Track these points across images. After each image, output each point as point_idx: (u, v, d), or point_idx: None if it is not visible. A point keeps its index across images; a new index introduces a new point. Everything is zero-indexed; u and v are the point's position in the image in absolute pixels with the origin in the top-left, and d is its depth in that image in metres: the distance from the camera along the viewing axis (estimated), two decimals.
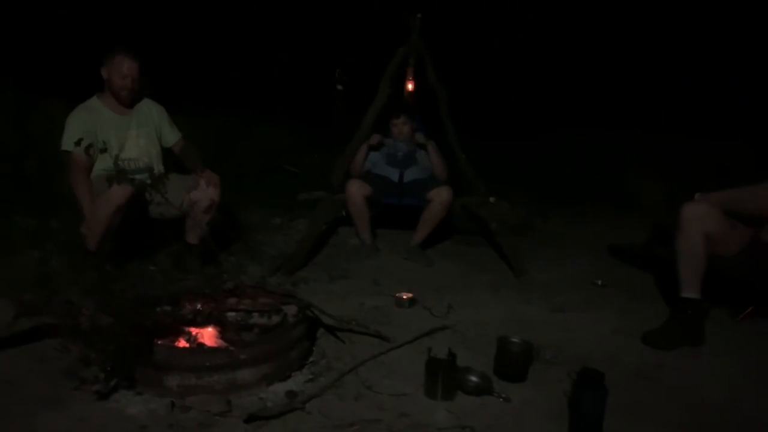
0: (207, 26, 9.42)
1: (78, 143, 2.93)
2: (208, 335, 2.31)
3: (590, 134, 8.27)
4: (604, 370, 2.09)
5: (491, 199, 4.09)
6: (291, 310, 2.48)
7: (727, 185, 2.82)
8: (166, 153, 3.61)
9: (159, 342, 2.19)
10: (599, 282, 3.73)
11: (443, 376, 2.21)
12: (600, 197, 6.38)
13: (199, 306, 2.44)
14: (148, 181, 2.94)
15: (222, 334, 2.33)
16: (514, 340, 2.51)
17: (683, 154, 7.28)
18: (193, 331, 2.31)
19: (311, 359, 2.49)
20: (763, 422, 2.15)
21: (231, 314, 2.46)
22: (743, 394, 2.36)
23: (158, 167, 3.48)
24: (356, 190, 4.02)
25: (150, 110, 3.52)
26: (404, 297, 3.23)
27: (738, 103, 8.48)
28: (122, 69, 3.27)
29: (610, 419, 1.97)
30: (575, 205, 6.06)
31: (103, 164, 3.24)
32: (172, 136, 3.58)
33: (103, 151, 3.11)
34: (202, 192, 3.30)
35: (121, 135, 3.36)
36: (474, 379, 2.32)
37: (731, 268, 2.84)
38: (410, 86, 4.62)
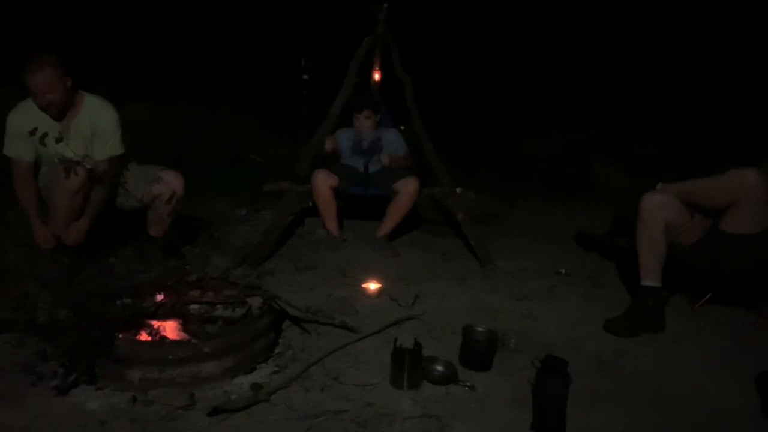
0: (170, 13, 9.23)
1: (33, 132, 2.83)
2: (170, 328, 2.28)
3: (554, 123, 8.36)
4: (568, 357, 2.13)
5: (457, 190, 4.09)
6: (256, 302, 2.46)
7: (688, 175, 2.88)
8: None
9: (120, 335, 2.15)
10: (563, 271, 3.78)
11: (409, 366, 2.22)
12: (564, 186, 6.46)
13: (161, 298, 2.41)
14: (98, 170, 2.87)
15: (185, 327, 2.30)
16: (479, 329, 2.53)
17: (646, 143, 7.44)
18: (156, 323, 2.27)
19: (277, 351, 2.47)
20: (720, 406, 2.20)
21: (194, 307, 2.43)
22: (701, 379, 2.42)
23: None
24: (322, 181, 4.00)
25: (93, 116, 3.14)
26: (371, 287, 3.23)
27: (705, 91, 8.69)
28: (32, 88, 2.90)
29: (573, 406, 2.00)
30: (539, 194, 6.13)
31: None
32: (112, 149, 3.20)
33: (60, 140, 2.99)
34: (165, 185, 3.23)
35: (61, 138, 3.03)
36: (439, 368, 2.34)
37: (690, 257, 2.90)
38: (377, 76, 4.60)
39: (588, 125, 8.24)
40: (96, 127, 3.15)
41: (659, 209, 2.84)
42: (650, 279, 2.88)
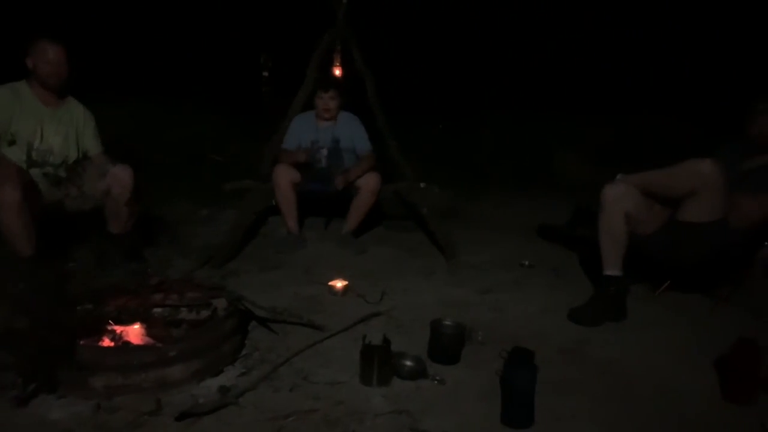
0: (126, 9, 9.02)
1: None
2: (134, 333, 2.23)
3: (514, 116, 8.46)
4: (534, 347, 2.16)
5: (421, 185, 4.11)
6: (221, 303, 2.43)
7: (648, 166, 2.95)
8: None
9: (82, 342, 2.09)
10: (526, 262, 3.83)
11: (378, 363, 2.22)
12: (525, 179, 6.55)
13: (123, 303, 2.35)
14: (63, 174, 2.80)
15: (149, 331, 2.25)
16: (447, 322, 2.54)
17: (605, 134, 7.59)
18: (118, 329, 2.22)
19: (244, 352, 2.44)
20: (681, 390, 2.26)
21: (158, 310, 2.39)
22: (663, 364, 2.48)
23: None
24: (283, 176, 3.94)
25: (77, 114, 3.34)
26: (338, 285, 3.22)
27: (662, 83, 8.90)
28: (47, 55, 3.10)
29: (540, 395, 2.03)
30: (502, 187, 6.21)
31: (13, 155, 3.06)
32: (92, 147, 3.40)
33: (11, 143, 2.93)
34: (113, 179, 3.16)
35: (41, 125, 3.16)
36: (408, 363, 2.34)
37: (649, 246, 2.97)
38: (338, 71, 4.58)
39: (547, 118, 8.37)
40: (86, 121, 3.35)
41: (619, 200, 2.90)
42: (612, 268, 2.94)
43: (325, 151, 4.19)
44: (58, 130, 3.23)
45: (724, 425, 2.07)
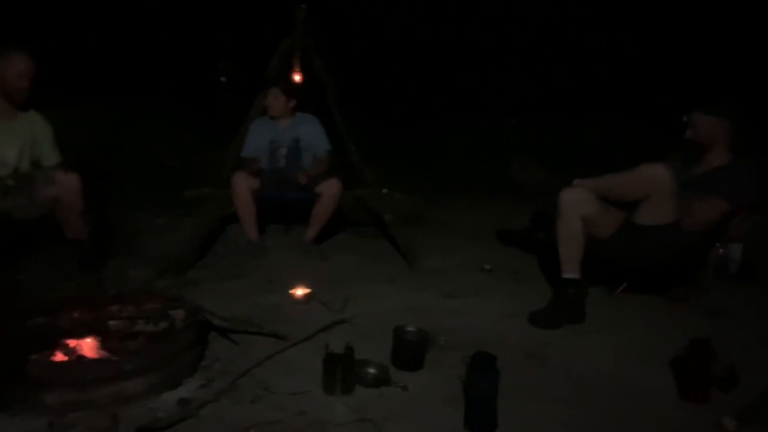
0: (80, 13, 8.81)
1: None
2: (88, 346, 2.17)
3: (472, 122, 8.56)
4: (495, 352, 2.17)
5: (384, 191, 4.11)
6: (179, 314, 2.38)
7: (604, 170, 3.01)
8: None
9: (34, 357, 2.02)
10: (488, 267, 3.86)
11: (341, 371, 2.20)
12: (485, 184, 6.61)
13: (77, 315, 2.28)
14: (12, 183, 2.71)
15: (104, 344, 2.19)
16: (410, 329, 2.54)
17: (562, 139, 7.74)
18: (72, 342, 2.15)
19: (204, 364, 2.39)
20: (639, 391, 2.31)
21: (114, 322, 2.32)
22: (622, 365, 2.53)
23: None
24: (241, 184, 3.88)
25: (35, 125, 3.25)
26: (300, 293, 3.19)
27: (617, 88, 9.12)
28: (19, 68, 3.02)
29: (503, 399, 2.04)
30: (462, 193, 6.25)
31: None
32: (49, 159, 3.31)
33: None
34: (59, 186, 3.07)
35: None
36: (372, 371, 2.33)
37: (606, 249, 3.03)
38: (297, 77, 4.55)
39: (505, 123, 8.50)
40: (43, 132, 3.27)
41: (577, 204, 2.95)
42: (570, 271, 2.99)
43: (284, 151, 4.15)
44: (11, 143, 3.14)
45: (681, 424, 2.12)
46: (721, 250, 3.35)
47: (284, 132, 4.18)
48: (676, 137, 3.17)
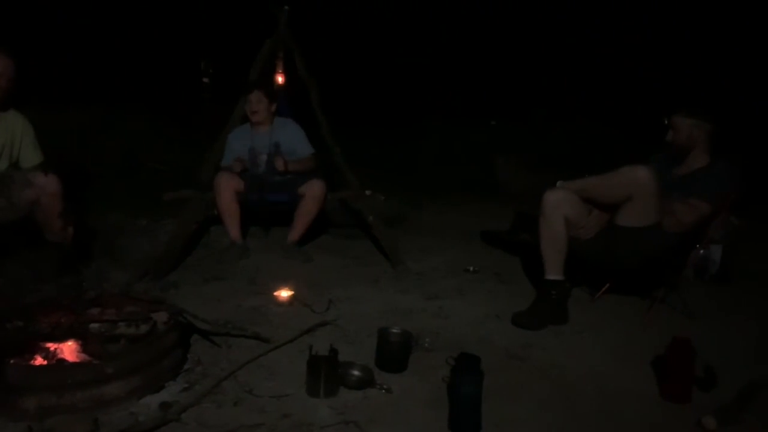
0: (58, 12, 8.69)
1: None
2: (68, 350, 2.12)
3: (453, 124, 8.59)
4: (479, 353, 2.17)
5: (367, 192, 4.11)
6: (161, 317, 2.34)
7: (585, 171, 3.04)
8: None
9: (11, 361, 1.98)
10: (471, 268, 3.87)
11: (325, 373, 2.19)
12: (467, 186, 6.65)
13: (57, 318, 2.24)
14: None
15: (84, 348, 2.15)
16: (394, 330, 2.54)
17: (543, 141, 7.79)
18: (51, 346, 2.11)
19: (186, 367, 2.37)
20: (621, 391, 2.33)
21: (94, 326, 2.28)
22: (603, 366, 2.55)
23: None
24: (225, 184, 3.85)
25: (15, 125, 3.20)
26: (283, 295, 3.17)
27: (597, 91, 9.22)
28: (1, 67, 2.99)
29: (486, 400, 2.04)
30: (445, 194, 6.27)
31: None
32: (30, 159, 3.26)
33: None
34: (38, 189, 3.03)
35: None
36: (356, 373, 2.32)
37: (589, 250, 3.06)
38: (280, 79, 4.52)
39: (486, 125, 8.55)
40: (24, 131, 3.22)
41: (559, 206, 2.97)
42: (553, 273, 3.01)
43: (264, 156, 4.12)
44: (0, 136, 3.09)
45: (662, 424, 2.14)
46: (701, 251, 3.39)
47: (262, 137, 4.15)
48: (657, 139, 3.20)
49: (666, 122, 3.13)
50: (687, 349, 2.27)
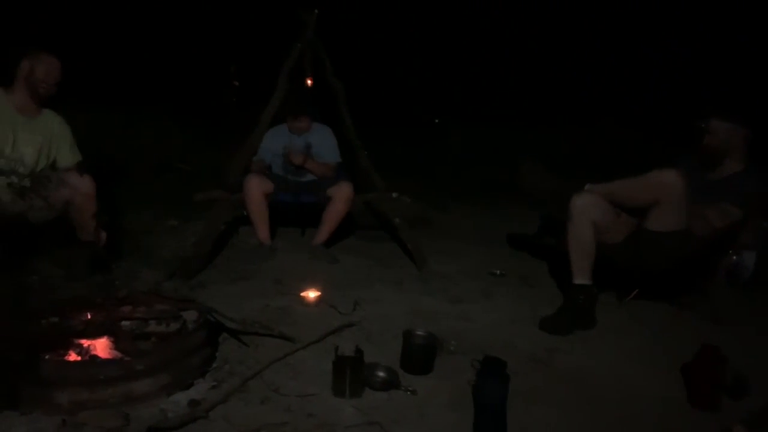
0: (95, 17, 8.88)
1: None
2: (100, 346, 2.18)
3: (479, 127, 8.56)
4: (504, 357, 2.17)
5: (393, 195, 4.12)
6: (190, 315, 2.39)
7: (612, 175, 3.01)
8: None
9: (46, 356, 2.04)
10: (497, 272, 3.86)
11: (350, 374, 2.21)
12: (492, 189, 6.61)
13: (89, 316, 2.30)
14: (28, 185, 2.74)
15: (116, 345, 2.20)
16: (419, 333, 2.54)
17: (575, 145, 7.72)
18: (84, 342, 2.16)
19: (214, 365, 2.40)
20: (648, 398, 2.30)
21: (125, 323, 2.34)
22: (630, 372, 2.52)
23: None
24: (256, 187, 3.91)
25: (54, 125, 3.30)
26: (310, 296, 3.20)
27: (634, 92, 9.11)
28: (50, 67, 3.14)
29: (510, 405, 2.04)
30: (470, 197, 6.26)
31: None
32: (68, 159, 3.36)
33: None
34: (72, 189, 3.10)
35: (14, 133, 3.12)
36: (381, 374, 2.33)
37: (617, 255, 3.03)
38: (309, 82, 4.57)
39: (512, 128, 8.50)
40: (62, 132, 3.33)
41: (587, 210, 2.95)
42: (581, 277, 2.99)
43: (300, 142, 4.22)
44: (31, 140, 3.18)
45: (689, 431, 2.11)
46: (733, 257, 3.33)
47: (298, 139, 4.26)
48: (685, 143, 3.16)
49: (702, 126, 3.08)
50: (717, 356, 2.24)
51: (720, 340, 2.39)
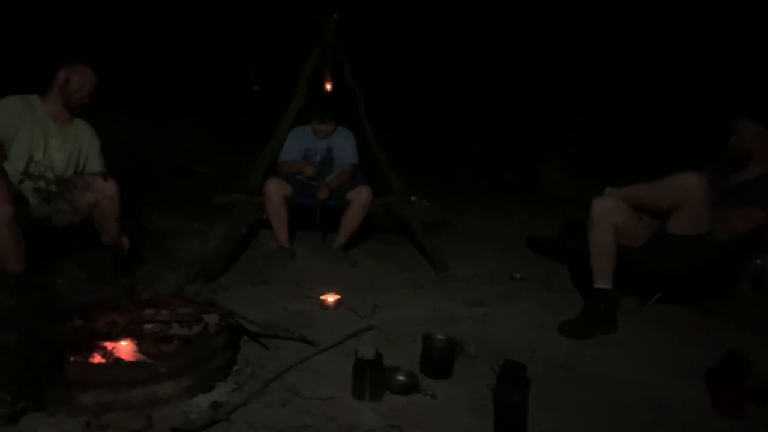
0: (117, 22, 9.01)
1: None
2: (124, 349, 2.21)
3: (497, 131, 8.54)
4: (524, 361, 2.17)
5: (412, 198, 4.12)
6: (212, 318, 2.41)
7: (636, 178, 2.98)
8: None
9: (71, 358, 2.07)
10: (517, 275, 3.84)
11: (370, 377, 2.22)
12: (511, 193, 6.59)
13: (113, 319, 2.33)
14: (54, 189, 2.79)
15: (140, 347, 2.23)
16: (439, 336, 2.54)
17: (594, 148, 7.67)
18: (108, 345, 2.20)
19: (235, 368, 2.42)
20: (670, 403, 2.28)
21: (148, 326, 2.36)
22: (652, 378, 2.50)
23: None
24: (275, 190, 3.94)
25: (84, 134, 3.36)
26: (330, 299, 3.22)
27: (651, 95, 9.02)
28: (85, 78, 3.21)
29: (531, 410, 2.03)
30: (488, 201, 6.24)
31: (8, 165, 3.04)
32: (95, 167, 3.41)
33: (4, 158, 2.93)
34: (97, 193, 3.15)
35: (46, 139, 3.17)
36: (401, 378, 2.33)
37: (639, 258, 2.99)
38: (329, 86, 4.59)
39: (530, 132, 8.46)
40: (91, 140, 3.38)
41: (609, 213, 2.93)
42: (602, 281, 2.96)
43: (317, 157, 4.28)
44: (62, 148, 3.24)
45: None
46: (757, 262, 3.28)
47: (321, 141, 4.31)
48: (713, 144, 3.13)
49: (730, 126, 3.05)
50: (741, 362, 2.22)
51: (744, 346, 2.36)
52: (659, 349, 2.79)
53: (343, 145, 4.31)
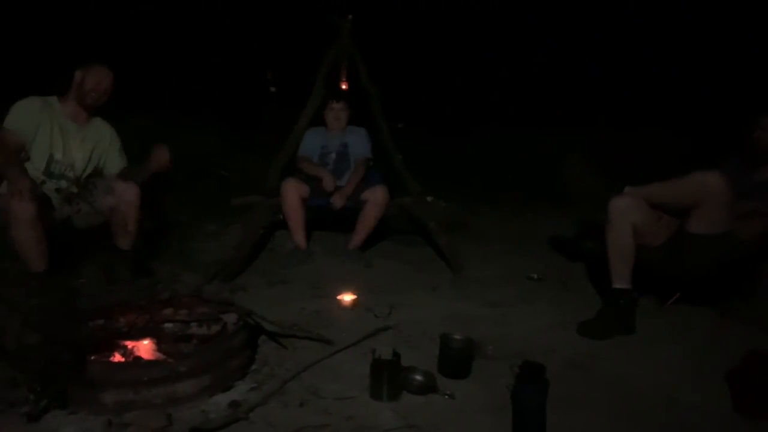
0: (133, 23, 9.10)
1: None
2: (144, 348, 2.23)
3: (517, 132, 8.50)
4: (543, 361, 2.15)
5: (428, 199, 4.12)
6: (231, 318, 2.43)
7: (655, 177, 2.95)
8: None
9: (92, 358, 2.10)
10: (535, 276, 3.83)
11: (388, 377, 2.22)
12: (528, 193, 6.55)
13: (133, 318, 2.36)
14: (75, 190, 2.83)
15: (159, 347, 2.26)
16: (456, 337, 2.53)
17: (613, 148, 7.60)
18: (129, 344, 2.23)
19: (254, 367, 2.44)
20: (691, 405, 2.25)
21: (168, 325, 2.39)
22: (672, 378, 2.47)
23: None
24: (292, 190, 3.95)
25: (103, 133, 3.41)
26: (347, 299, 3.22)
27: (668, 95, 8.94)
28: (100, 77, 3.24)
29: (549, 410, 2.01)
30: (505, 201, 6.21)
31: (30, 165, 3.09)
32: (116, 165, 3.46)
33: (27, 159, 2.97)
34: (118, 196, 3.18)
35: (65, 139, 3.23)
36: (418, 378, 2.33)
37: (658, 258, 2.96)
38: (344, 87, 4.61)
39: (546, 133, 8.41)
40: (111, 139, 3.45)
41: (627, 213, 2.90)
42: (621, 281, 2.94)
43: (333, 155, 4.30)
44: (81, 147, 3.29)
45: None
46: None
47: (335, 138, 4.33)
48: (727, 146, 3.10)
49: (754, 120, 3.01)
50: (763, 362, 2.18)
51: (766, 346, 2.33)
52: (679, 350, 2.76)
53: (357, 140, 4.33)
